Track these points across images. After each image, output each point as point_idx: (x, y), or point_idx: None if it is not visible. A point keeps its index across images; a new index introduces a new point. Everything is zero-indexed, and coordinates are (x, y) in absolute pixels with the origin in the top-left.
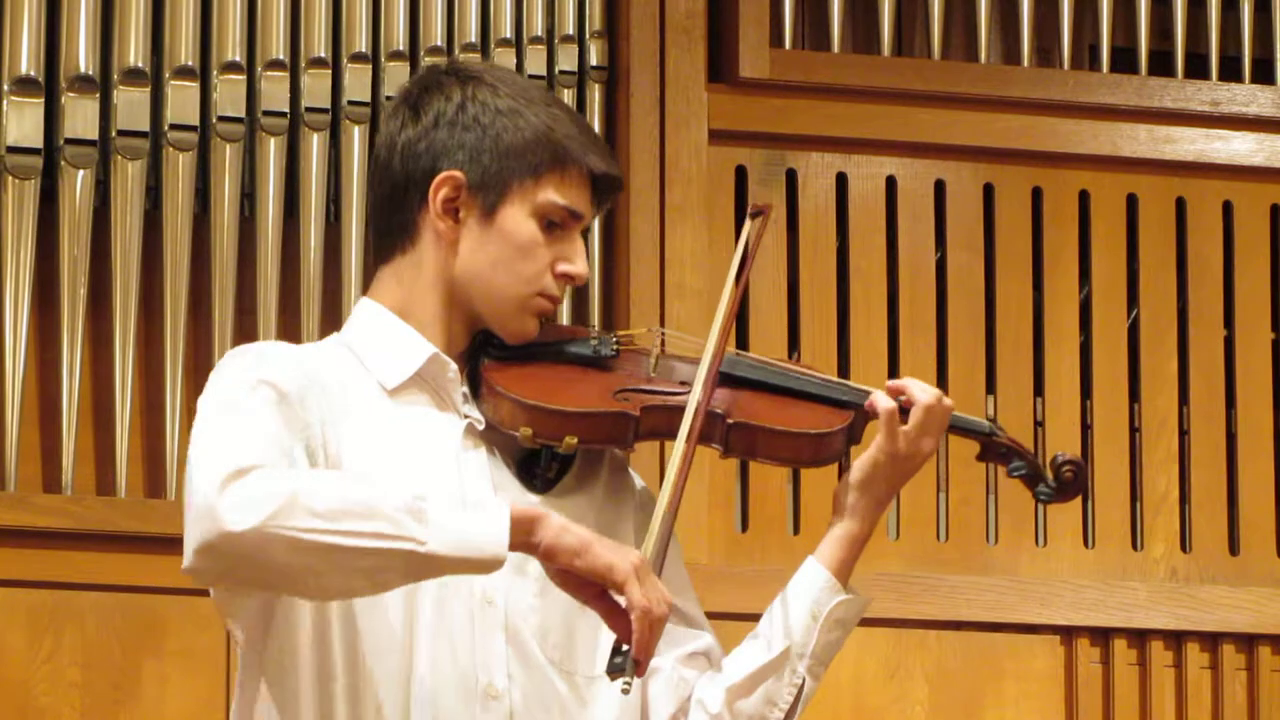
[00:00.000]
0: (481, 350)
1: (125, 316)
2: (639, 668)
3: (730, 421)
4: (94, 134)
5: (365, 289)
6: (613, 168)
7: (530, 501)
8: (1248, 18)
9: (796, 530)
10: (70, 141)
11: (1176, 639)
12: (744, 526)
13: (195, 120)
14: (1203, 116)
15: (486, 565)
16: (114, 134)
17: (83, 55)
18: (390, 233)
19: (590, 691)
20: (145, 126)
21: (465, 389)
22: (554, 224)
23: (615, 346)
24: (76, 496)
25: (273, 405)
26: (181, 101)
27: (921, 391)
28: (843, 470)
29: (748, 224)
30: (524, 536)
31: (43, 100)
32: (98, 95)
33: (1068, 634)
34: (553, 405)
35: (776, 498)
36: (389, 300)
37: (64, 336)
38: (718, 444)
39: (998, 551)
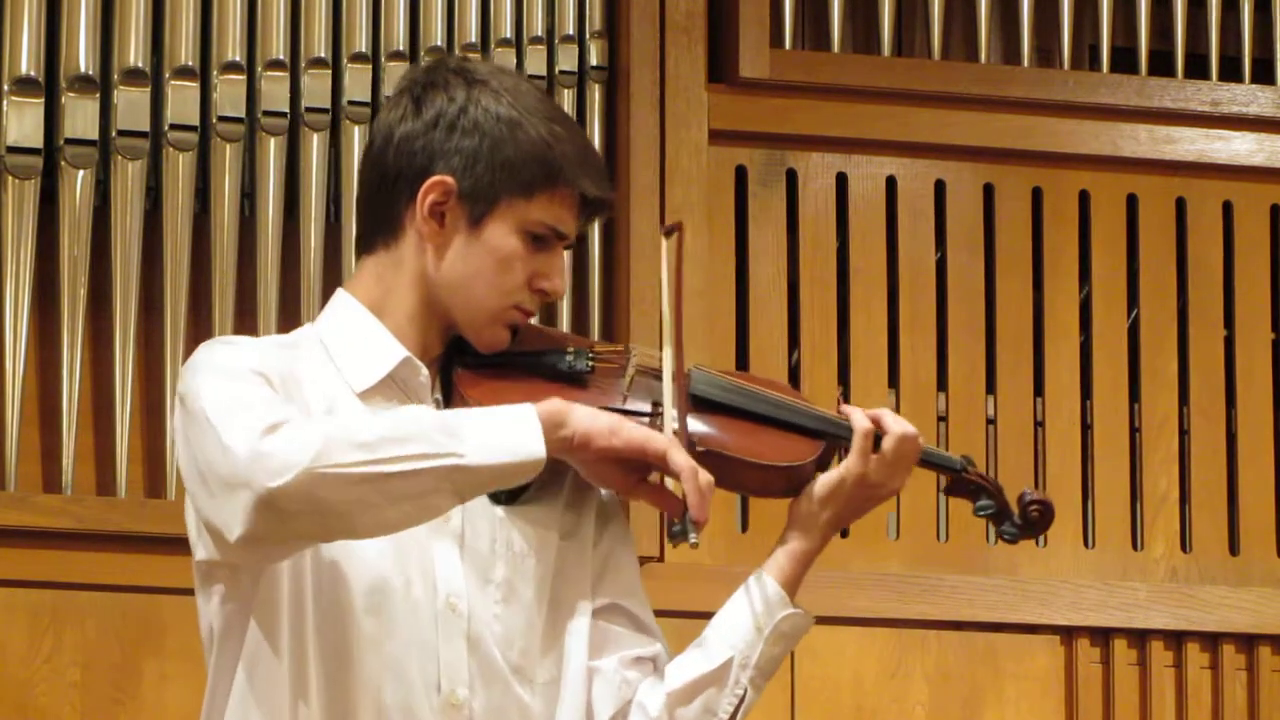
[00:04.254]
0: (454, 357)
1: (125, 316)
2: (698, 527)
3: (701, 450)
4: (94, 134)
5: None
6: (606, 191)
7: (494, 514)
8: (1248, 18)
9: None
10: (70, 141)
11: (1176, 639)
12: (744, 526)
13: (195, 120)
14: (1203, 116)
15: (528, 469)
16: (114, 134)
17: (83, 55)
18: (374, 224)
19: (548, 697)
20: (145, 126)
21: (438, 395)
22: (538, 239)
23: (590, 362)
24: (76, 496)
25: (267, 386)
26: (181, 101)
27: (896, 423)
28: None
29: (664, 244)
30: (556, 432)
31: (43, 100)
32: (98, 95)
33: (1068, 634)
34: None
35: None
36: (365, 295)
37: (64, 336)
38: None
39: (998, 551)
